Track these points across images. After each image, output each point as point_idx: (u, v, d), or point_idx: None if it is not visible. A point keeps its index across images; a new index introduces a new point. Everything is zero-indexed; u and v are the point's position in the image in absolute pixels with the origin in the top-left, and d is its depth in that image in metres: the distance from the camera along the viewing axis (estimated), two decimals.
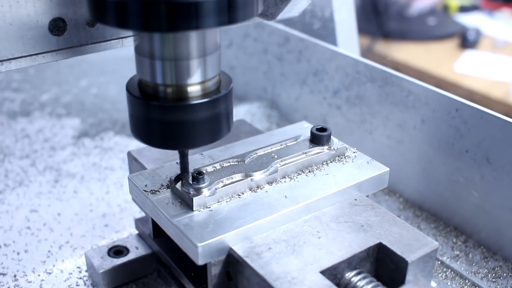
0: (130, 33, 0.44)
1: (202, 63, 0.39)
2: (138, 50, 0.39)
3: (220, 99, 0.40)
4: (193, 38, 0.37)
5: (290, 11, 0.49)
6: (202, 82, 0.39)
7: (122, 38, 0.44)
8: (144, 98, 0.39)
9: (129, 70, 1.01)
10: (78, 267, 0.52)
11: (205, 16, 0.33)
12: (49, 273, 0.52)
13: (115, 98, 0.86)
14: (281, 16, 0.49)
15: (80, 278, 0.51)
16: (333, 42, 0.74)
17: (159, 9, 0.33)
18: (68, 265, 0.53)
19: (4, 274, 0.51)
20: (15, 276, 0.51)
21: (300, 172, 0.47)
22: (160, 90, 0.39)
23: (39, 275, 0.51)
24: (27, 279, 0.51)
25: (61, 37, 0.41)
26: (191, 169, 0.44)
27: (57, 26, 0.40)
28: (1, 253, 0.54)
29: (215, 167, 0.46)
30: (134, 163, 0.51)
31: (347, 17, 0.75)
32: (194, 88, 0.39)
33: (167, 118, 0.39)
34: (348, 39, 0.76)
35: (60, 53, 0.42)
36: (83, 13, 0.41)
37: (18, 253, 0.54)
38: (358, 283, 0.40)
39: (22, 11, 0.39)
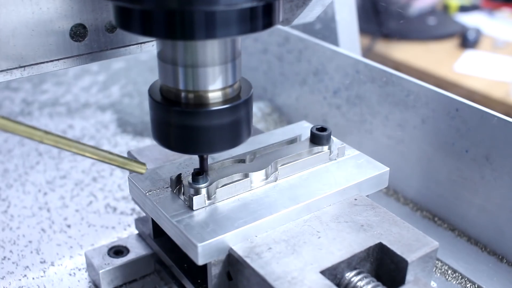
0: (148, 38, 0.44)
1: (223, 70, 0.39)
2: (160, 57, 0.39)
3: (240, 105, 0.40)
4: (215, 45, 0.38)
5: (306, 16, 0.49)
6: (222, 89, 0.40)
7: (141, 43, 0.45)
8: (166, 104, 0.39)
9: (130, 69, 1.01)
10: (78, 267, 0.52)
11: (228, 25, 0.34)
12: (49, 273, 0.52)
13: (116, 98, 0.86)
14: (296, 21, 0.49)
15: (80, 278, 0.51)
16: (335, 42, 0.74)
17: (183, 18, 0.33)
18: (68, 265, 0.53)
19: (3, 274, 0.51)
20: (15, 275, 0.51)
21: (300, 172, 0.47)
22: (182, 96, 0.39)
23: (38, 275, 0.51)
24: (26, 279, 0.51)
25: (81, 43, 0.41)
26: (191, 169, 0.44)
27: (77, 32, 0.41)
28: (0, 253, 0.54)
29: (215, 167, 0.46)
30: None
31: (348, 17, 0.75)
32: (214, 95, 0.39)
33: (187, 123, 0.39)
34: (349, 39, 0.76)
35: (81, 58, 0.42)
36: (103, 19, 0.42)
37: (17, 253, 0.54)
38: (358, 283, 0.40)
39: (44, 17, 0.39)
